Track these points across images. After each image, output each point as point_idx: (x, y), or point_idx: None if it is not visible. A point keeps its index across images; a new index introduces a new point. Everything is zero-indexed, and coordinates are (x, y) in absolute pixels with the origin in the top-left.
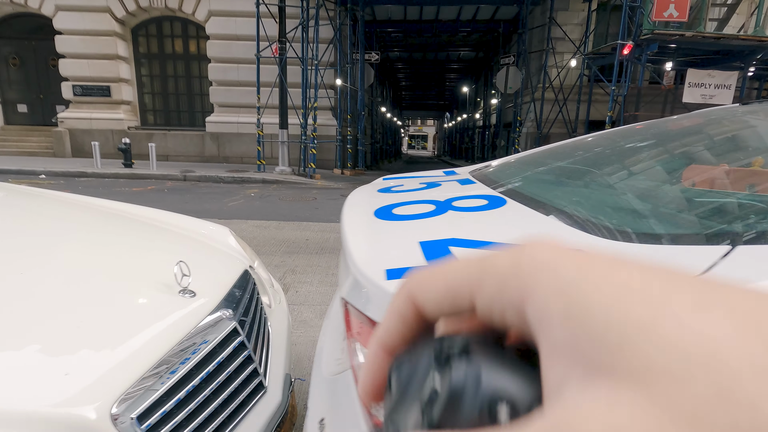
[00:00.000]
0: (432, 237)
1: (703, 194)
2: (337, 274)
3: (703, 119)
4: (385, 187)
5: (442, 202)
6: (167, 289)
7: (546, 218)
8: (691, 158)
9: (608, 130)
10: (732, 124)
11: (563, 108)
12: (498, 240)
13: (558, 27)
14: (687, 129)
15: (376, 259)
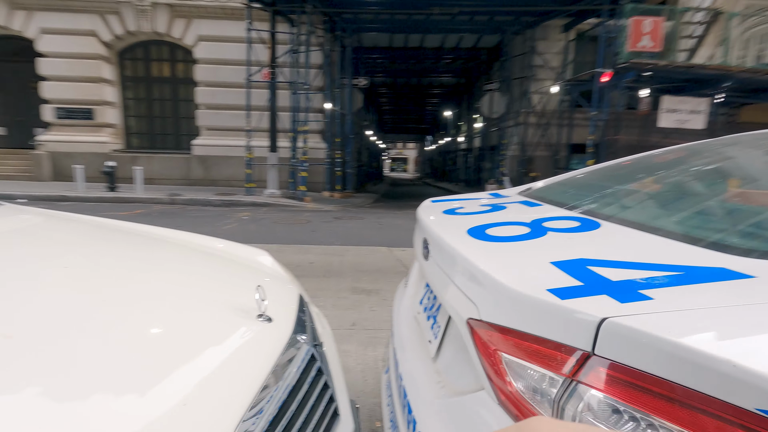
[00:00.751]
0: (560, 257)
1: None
2: (348, 298)
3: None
4: (449, 210)
5: (531, 223)
6: (246, 315)
7: (656, 238)
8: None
9: (649, 154)
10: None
11: (546, 132)
12: (634, 260)
13: (539, 55)
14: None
15: (525, 278)
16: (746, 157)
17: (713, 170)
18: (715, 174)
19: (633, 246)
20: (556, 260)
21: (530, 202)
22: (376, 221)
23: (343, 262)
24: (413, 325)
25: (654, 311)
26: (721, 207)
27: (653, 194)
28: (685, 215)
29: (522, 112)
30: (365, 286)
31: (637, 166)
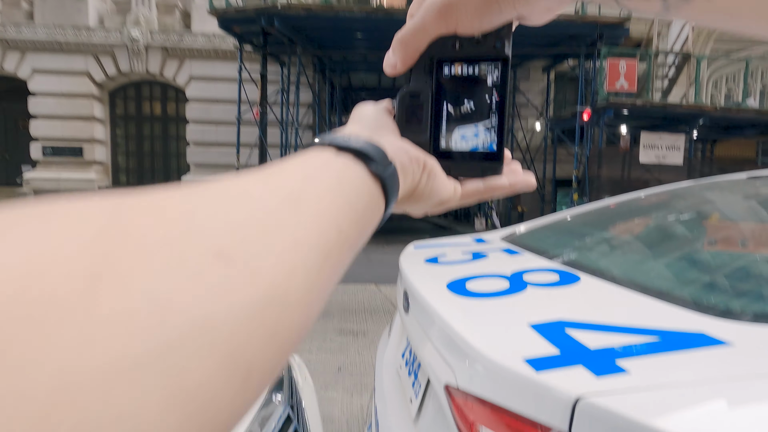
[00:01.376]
0: (538, 319)
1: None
2: (334, 340)
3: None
4: (431, 258)
5: (511, 276)
6: None
7: (634, 295)
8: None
9: (629, 197)
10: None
11: (531, 167)
12: (612, 323)
13: (521, 94)
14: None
15: (501, 345)
16: (725, 202)
17: (694, 217)
18: (695, 222)
19: (611, 304)
20: (534, 322)
21: (511, 250)
22: (365, 256)
23: (330, 302)
24: (395, 379)
25: (630, 389)
26: (700, 259)
27: (634, 243)
28: (664, 268)
29: (507, 148)
30: (352, 326)
31: (620, 211)
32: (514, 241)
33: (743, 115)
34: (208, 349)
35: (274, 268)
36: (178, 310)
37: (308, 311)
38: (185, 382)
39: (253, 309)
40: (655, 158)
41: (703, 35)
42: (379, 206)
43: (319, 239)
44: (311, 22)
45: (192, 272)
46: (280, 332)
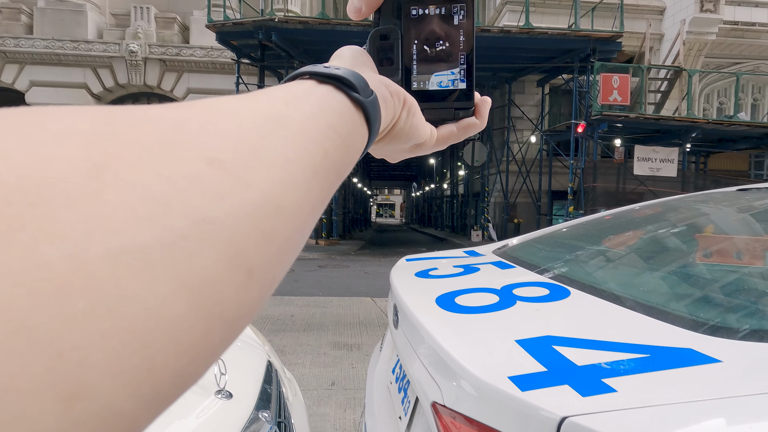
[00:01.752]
0: (526, 334)
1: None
2: (328, 354)
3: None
4: (422, 271)
5: (501, 290)
6: (203, 391)
7: (624, 311)
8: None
9: (618, 211)
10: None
11: (527, 179)
12: (600, 338)
13: (516, 107)
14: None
15: (487, 363)
16: (718, 215)
17: (685, 230)
18: (687, 235)
19: (600, 320)
20: (521, 338)
21: (503, 264)
22: (361, 269)
23: (325, 314)
24: (386, 395)
25: (617, 408)
26: (690, 273)
27: (625, 257)
28: (654, 283)
29: (503, 160)
30: (347, 340)
31: (613, 224)
32: (506, 255)
33: (735, 129)
34: (210, 244)
35: (266, 179)
36: (178, 207)
37: (301, 225)
38: (191, 270)
39: (249, 212)
40: (649, 170)
41: (694, 50)
42: (363, 134)
43: (305, 157)
44: (308, 36)
45: (188, 175)
46: (275, 238)
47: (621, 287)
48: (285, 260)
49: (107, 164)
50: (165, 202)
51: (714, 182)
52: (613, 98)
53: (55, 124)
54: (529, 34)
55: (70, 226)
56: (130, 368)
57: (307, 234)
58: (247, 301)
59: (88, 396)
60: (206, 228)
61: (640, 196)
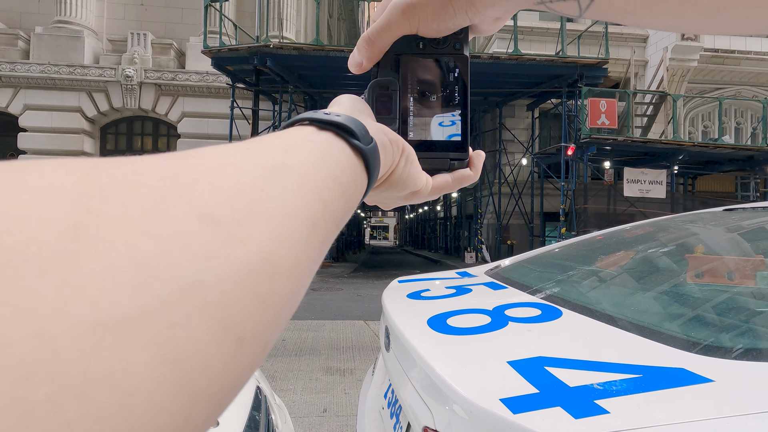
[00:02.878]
0: (518, 356)
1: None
2: (320, 379)
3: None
4: (414, 293)
5: (493, 311)
6: None
7: (616, 331)
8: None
9: (610, 231)
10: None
11: (519, 201)
12: (592, 359)
13: (507, 130)
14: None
15: (478, 385)
16: (707, 234)
17: (675, 250)
18: (677, 255)
19: (592, 340)
20: (514, 359)
21: (495, 284)
22: (354, 292)
23: (318, 338)
24: (378, 420)
25: (609, 430)
26: (681, 293)
27: (616, 277)
28: (645, 303)
29: (495, 182)
30: (340, 365)
31: (604, 244)
32: (499, 276)
33: (720, 151)
34: (197, 311)
35: (262, 235)
36: (163, 270)
37: (298, 282)
38: (175, 343)
39: (243, 273)
40: (639, 192)
41: (678, 76)
42: (362, 182)
43: (304, 210)
44: (302, 62)
45: (177, 233)
46: (270, 300)
47: (613, 307)
48: (280, 323)
49: (88, 224)
50: (149, 266)
51: (702, 203)
52: (601, 122)
53: (33, 180)
54: (518, 60)
55: (40, 298)
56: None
57: (302, 292)
58: (236, 371)
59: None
60: (193, 293)
61: (630, 218)
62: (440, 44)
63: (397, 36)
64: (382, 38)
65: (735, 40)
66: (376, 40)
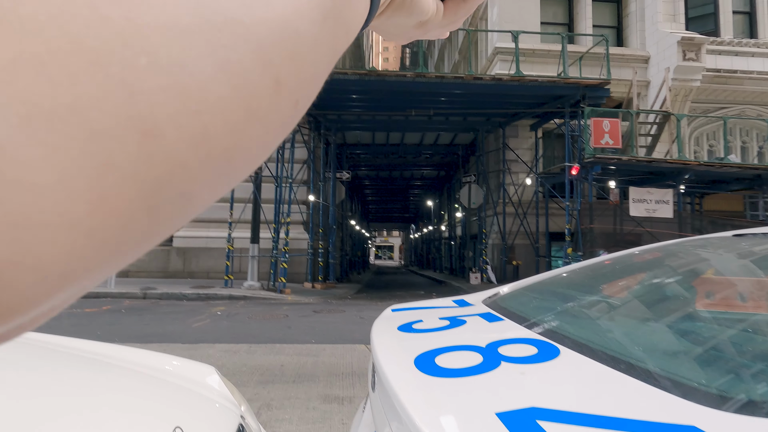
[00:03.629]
0: (508, 405)
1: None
2: (317, 408)
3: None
4: (405, 324)
5: (486, 349)
6: None
7: (619, 376)
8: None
9: (613, 257)
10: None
11: (524, 221)
12: (591, 411)
13: (511, 150)
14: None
15: None
16: (720, 262)
17: (686, 280)
18: (688, 286)
19: (591, 387)
20: (503, 410)
21: (491, 316)
22: (357, 314)
23: (317, 364)
24: None
25: None
26: (694, 332)
27: (621, 309)
28: (653, 341)
29: (499, 202)
30: (338, 392)
31: (609, 271)
32: (496, 305)
33: (726, 170)
34: (242, 43)
35: (283, 4)
36: (209, 4)
37: (318, 58)
38: (228, 60)
39: (273, 27)
40: (645, 212)
41: (681, 96)
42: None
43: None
44: None
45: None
46: (297, 58)
47: (617, 345)
48: (306, 87)
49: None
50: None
51: (711, 223)
52: (605, 141)
53: None
54: (520, 81)
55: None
56: (188, 124)
57: (319, 80)
58: (278, 109)
59: (158, 136)
60: (237, 28)
61: (638, 237)
62: None
63: None
64: None
65: (737, 60)
66: None
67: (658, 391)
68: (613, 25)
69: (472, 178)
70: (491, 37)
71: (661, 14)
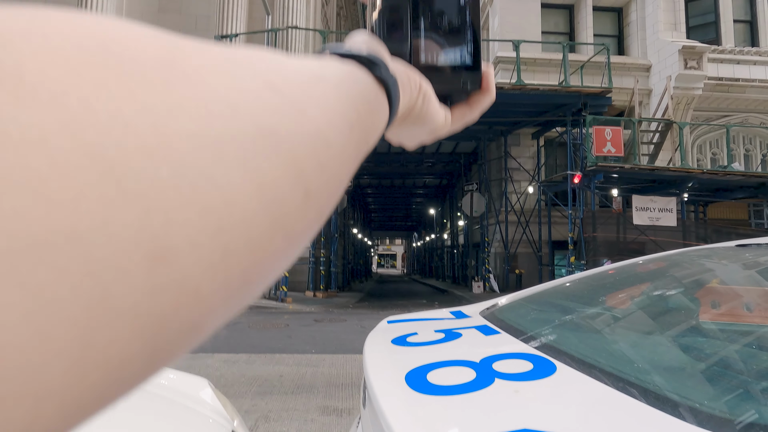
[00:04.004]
0: (499, 428)
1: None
2: (316, 420)
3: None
4: (399, 337)
5: (480, 364)
6: None
7: (621, 396)
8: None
9: (605, 269)
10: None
11: (526, 229)
12: None
13: (513, 159)
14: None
15: None
16: (724, 271)
17: (692, 291)
18: (695, 298)
19: (588, 408)
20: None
21: (488, 329)
22: (358, 323)
23: (317, 374)
24: None
25: None
26: (700, 348)
27: (623, 322)
28: (657, 356)
29: (501, 211)
30: (337, 404)
31: (611, 281)
32: (493, 317)
33: (730, 179)
34: (274, 152)
35: (315, 113)
36: (243, 113)
37: (343, 167)
38: (258, 172)
39: (305, 136)
40: (649, 220)
41: (683, 104)
42: (385, 111)
43: (343, 110)
44: None
45: (248, 90)
46: (326, 169)
47: (616, 362)
48: (331, 197)
49: (175, 62)
50: (233, 106)
51: (715, 232)
52: (607, 150)
53: (113, 19)
54: (521, 90)
55: (147, 100)
56: (207, 245)
57: (342, 188)
58: (304, 219)
59: (170, 261)
60: (271, 138)
61: (642, 246)
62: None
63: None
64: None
65: (738, 69)
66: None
67: (662, 415)
68: (614, 34)
69: (474, 186)
70: (492, 46)
71: (661, 23)
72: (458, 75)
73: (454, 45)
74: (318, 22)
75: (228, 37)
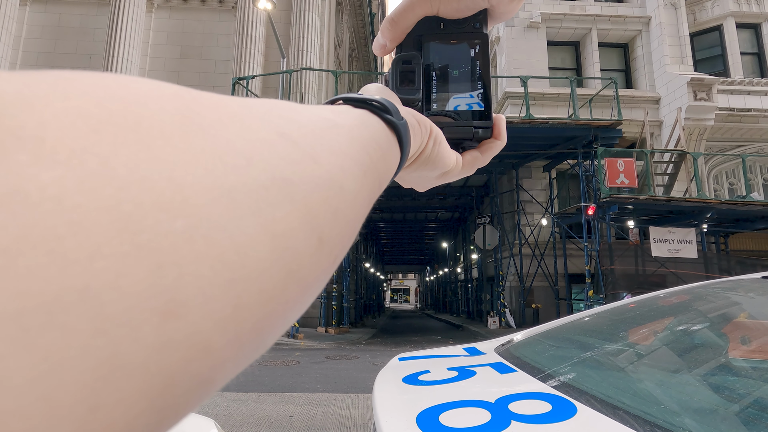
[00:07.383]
0: None
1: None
2: None
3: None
4: (411, 375)
5: (495, 405)
6: None
7: None
8: None
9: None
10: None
11: (541, 262)
12: None
13: (525, 191)
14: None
15: None
16: (751, 304)
17: (720, 326)
18: (723, 335)
19: None
20: None
21: (503, 366)
22: (371, 360)
23: (327, 415)
24: None
25: None
26: (733, 382)
27: (647, 357)
28: (681, 397)
29: (515, 243)
30: None
31: (632, 316)
32: (509, 354)
33: (750, 209)
34: (288, 200)
35: (329, 160)
36: (258, 162)
37: (355, 216)
38: (272, 221)
39: (318, 184)
40: (668, 252)
41: (695, 135)
42: (396, 155)
43: (357, 156)
44: None
45: (262, 141)
46: (340, 215)
47: (641, 402)
48: (344, 243)
49: (192, 116)
50: (247, 157)
51: (739, 263)
52: (620, 181)
53: (132, 78)
54: (530, 123)
55: (164, 155)
56: (219, 298)
57: (355, 232)
58: (318, 267)
59: (181, 316)
60: (284, 186)
61: (662, 279)
62: (461, 24)
63: (419, 17)
64: (404, 19)
65: (750, 99)
66: (399, 20)
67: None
68: (621, 69)
69: (487, 219)
70: (501, 83)
71: (668, 57)
72: (469, 123)
73: (465, 94)
74: (331, 64)
75: (245, 78)
